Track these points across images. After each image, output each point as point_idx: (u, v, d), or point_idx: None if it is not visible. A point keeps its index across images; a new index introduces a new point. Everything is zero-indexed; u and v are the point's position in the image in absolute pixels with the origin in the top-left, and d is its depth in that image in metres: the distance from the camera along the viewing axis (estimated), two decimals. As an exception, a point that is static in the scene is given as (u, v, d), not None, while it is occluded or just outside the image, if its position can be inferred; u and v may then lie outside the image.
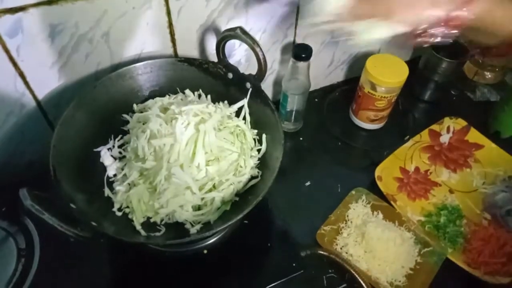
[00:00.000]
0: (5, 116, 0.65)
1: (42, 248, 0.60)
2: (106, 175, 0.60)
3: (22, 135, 0.68)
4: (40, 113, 0.67)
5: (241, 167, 0.59)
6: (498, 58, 0.82)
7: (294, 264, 0.59)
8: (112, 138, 0.63)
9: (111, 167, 0.60)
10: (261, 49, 0.58)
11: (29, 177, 0.68)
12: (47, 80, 0.64)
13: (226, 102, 0.66)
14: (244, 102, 0.64)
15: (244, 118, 0.65)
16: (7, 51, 0.57)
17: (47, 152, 0.69)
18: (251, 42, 0.58)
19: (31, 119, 0.67)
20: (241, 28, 0.59)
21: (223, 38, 0.61)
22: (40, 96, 0.65)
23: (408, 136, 0.84)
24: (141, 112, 0.64)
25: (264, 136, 0.62)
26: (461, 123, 0.85)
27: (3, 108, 0.64)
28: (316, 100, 0.92)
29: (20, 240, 0.61)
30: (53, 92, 0.66)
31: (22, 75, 0.61)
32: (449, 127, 0.84)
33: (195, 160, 0.55)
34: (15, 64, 0.59)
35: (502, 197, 0.71)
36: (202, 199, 0.56)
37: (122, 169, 0.60)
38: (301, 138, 0.86)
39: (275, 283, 0.57)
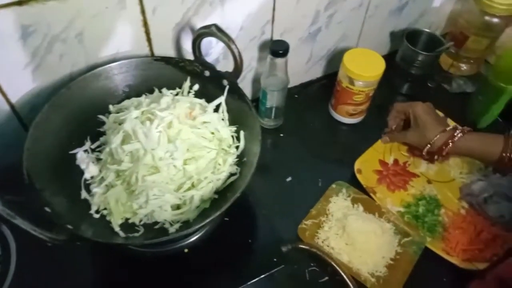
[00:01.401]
0: (-22, 120, 0.63)
1: (18, 253, 0.59)
2: (83, 177, 0.59)
3: (-4, 139, 0.67)
4: (14, 116, 0.66)
5: (219, 164, 0.59)
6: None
7: (275, 259, 0.60)
8: (88, 139, 0.62)
9: (88, 169, 0.59)
10: (236, 46, 0.59)
11: (5, 181, 0.67)
12: (20, 83, 0.63)
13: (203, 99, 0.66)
14: (222, 99, 0.64)
15: (223, 115, 0.65)
16: (-24, 53, 0.56)
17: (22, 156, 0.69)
18: (226, 39, 0.58)
19: (5, 122, 0.66)
20: (216, 26, 0.59)
21: (198, 36, 0.61)
22: (14, 99, 0.64)
23: (387, 129, 0.85)
24: (118, 112, 0.64)
25: (242, 132, 0.62)
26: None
27: (-24, 112, 0.62)
28: (296, 96, 0.93)
29: (-3, 246, 0.60)
30: (27, 94, 0.65)
31: (-6, 78, 0.60)
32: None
33: (172, 160, 0.54)
34: (-15, 67, 0.58)
35: (479, 186, 0.73)
36: (181, 198, 0.56)
37: (100, 171, 0.59)
38: (281, 134, 0.86)
39: (257, 279, 0.57)
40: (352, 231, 0.68)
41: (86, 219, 0.55)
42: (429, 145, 0.72)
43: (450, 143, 0.69)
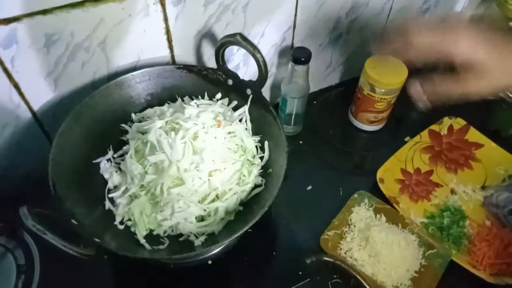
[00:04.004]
0: (1, 128, 0.63)
1: (42, 263, 0.58)
2: (106, 187, 0.58)
3: (18, 147, 0.67)
4: (36, 124, 0.66)
5: (244, 176, 0.58)
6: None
7: (300, 273, 0.59)
8: (111, 148, 0.62)
9: (112, 179, 0.58)
10: (261, 54, 0.58)
11: (26, 189, 0.67)
12: (42, 91, 0.62)
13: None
14: (245, 109, 0.63)
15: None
16: (1, 62, 0.56)
17: (43, 164, 0.68)
18: (252, 49, 0.57)
19: (27, 130, 0.66)
20: (240, 34, 0.58)
21: (222, 45, 0.60)
22: (36, 107, 0.64)
23: (408, 137, 0.84)
24: (140, 121, 0.63)
25: (266, 143, 0.61)
26: (460, 122, 0.85)
27: (-1, 120, 0.62)
28: (314, 102, 0.92)
29: (19, 255, 0.59)
30: (49, 102, 0.64)
31: (17, 86, 0.60)
32: (450, 127, 0.84)
33: (198, 172, 0.54)
34: (9, 76, 0.58)
35: (504, 197, 0.71)
36: (205, 210, 0.55)
37: (123, 181, 0.59)
38: (300, 142, 0.85)
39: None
40: (375, 243, 0.66)
41: (109, 231, 0.55)
42: None
43: None
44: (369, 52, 0.90)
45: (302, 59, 0.71)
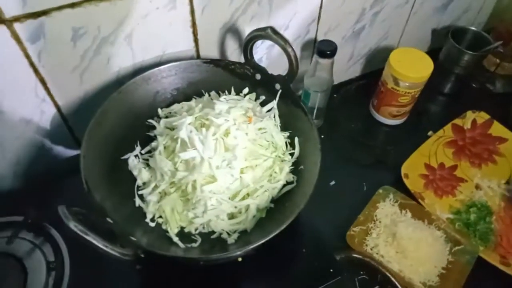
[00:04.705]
0: (25, 123, 0.62)
1: (72, 259, 0.58)
2: (136, 184, 0.58)
3: (42, 142, 0.66)
4: (61, 119, 0.65)
5: (275, 173, 0.57)
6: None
7: (331, 270, 0.58)
8: (138, 144, 0.61)
9: (140, 175, 0.58)
10: (293, 49, 0.57)
11: (50, 185, 0.67)
12: (68, 85, 0.61)
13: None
14: (274, 104, 0.62)
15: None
16: (28, 57, 0.55)
17: (67, 160, 0.68)
18: (283, 42, 0.56)
19: (51, 125, 0.65)
20: (271, 28, 0.56)
21: (252, 38, 0.59)
22: (61, 102, 0.63)
23: (431, 132, 0.83)
24: (167, 117, 0.62)
25: (296, 139, 0.60)
26: (483, 116, 0.84)
27: (24, 115, 0.61)
28: (335, 95, 0.90)
29: (48, 252, 0.59)
30: (73, 97, 0.63)
31: (42, 81, 0.59)
32: (474, 121, 0.83)
33: (230, 169, 0.53)
34: (35, 70, 0.57)
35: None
36: (236, 207, 0.55)
37: (152, 178, 0.58)
38: (322, 136, 0.83)
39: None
40: (402, 239, 0.66)
41: (140, 228, 0.54)
42: None
43: None
44: (390, 45, 0.89)
45: (328, 52, 0.70)
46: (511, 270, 0.63)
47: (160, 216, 0.56)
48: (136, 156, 0.60)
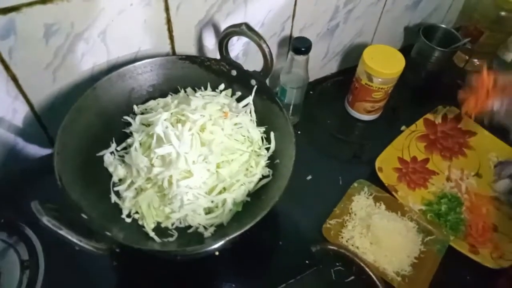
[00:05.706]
0: (-3, 122, 0.61)
1: (47, 258, 0.57)
2: (111, 181, 0.58)
3: (14, 141, 0.65)
4: (34, 117, 0.64)
5: (251, 167, 0.58)
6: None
7: (307, 261, 0.60)
8: (114, 141, 0.61)
9: (116, 172, 0.58)
10: (267, 45, 0.57)
11: (24, 185, 0.66)
12: (41, 83, 0.61)
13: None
14: (250, 99, 0.63)
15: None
16: (-2, 54, 0.54)
17: (42, 158, 0.67)
18: (257, 39, 0.57)
19: (24, 124, 0.64)
20: (246, 24, 0.57)
21: (227, 35, 0.59)
22: (34, 100, 0.62)
23: (404, 126, 0.85)
24: (143, 113, 0.62)
25: (272, 134, 0.61)
26: (454, 111, 0.87)
27: (-5, 114, 0.60)
28: (311, 92, 0.92)
29: (22, 251, 0.58)
30: (47, 95, 0.63)
31: (14, 79, 0.58)
32: (444, 116, 0.86)
33: (206, 164, 0.54)
34: (7, 67, 0.56)
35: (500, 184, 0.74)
36: (213, 201, 0.55)
37: (128, 174, 0.58)
38: (298, 132, 0.85)
39: (289, 282, 0.57)
40: (376, 231, 0.68)
41: (117, 224, 0.54)
42: None
43: None
44: (364, 42, 0.91)
45: (303, 49, 0.71)
46: (480, 258, 0.66)
47: (137, 212, 0.56)
48: (111, 153, 0.60)
